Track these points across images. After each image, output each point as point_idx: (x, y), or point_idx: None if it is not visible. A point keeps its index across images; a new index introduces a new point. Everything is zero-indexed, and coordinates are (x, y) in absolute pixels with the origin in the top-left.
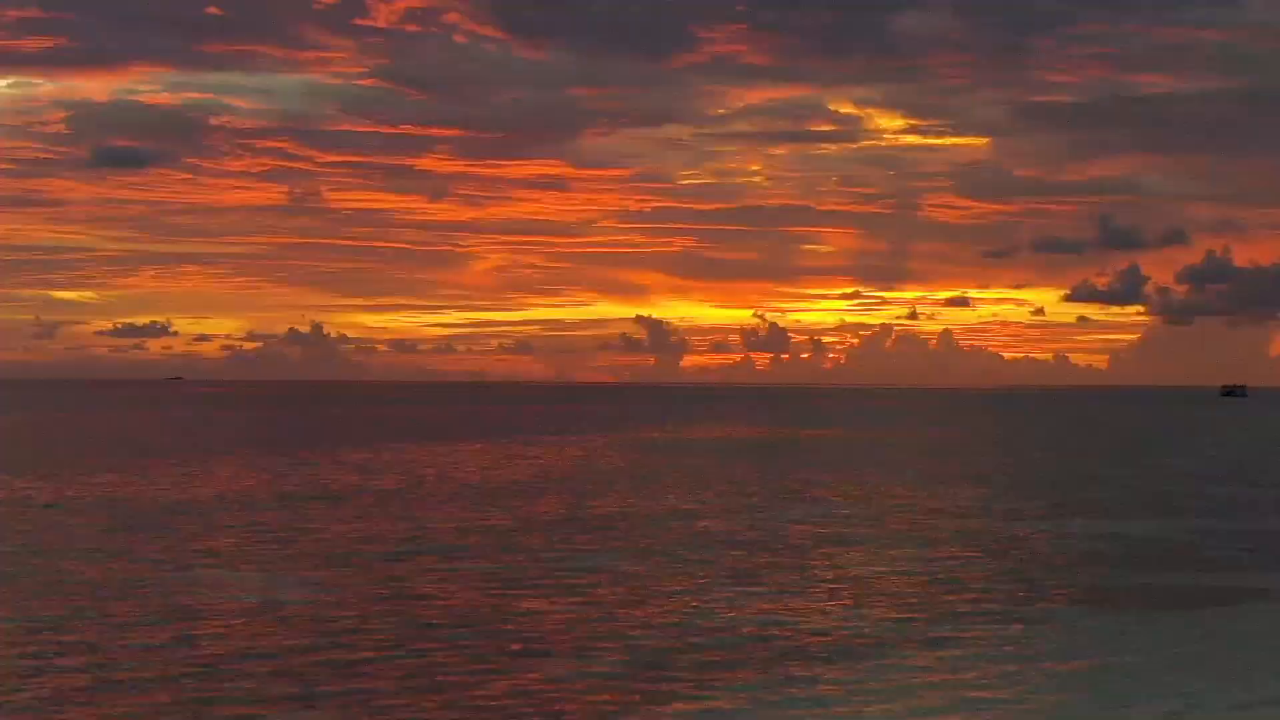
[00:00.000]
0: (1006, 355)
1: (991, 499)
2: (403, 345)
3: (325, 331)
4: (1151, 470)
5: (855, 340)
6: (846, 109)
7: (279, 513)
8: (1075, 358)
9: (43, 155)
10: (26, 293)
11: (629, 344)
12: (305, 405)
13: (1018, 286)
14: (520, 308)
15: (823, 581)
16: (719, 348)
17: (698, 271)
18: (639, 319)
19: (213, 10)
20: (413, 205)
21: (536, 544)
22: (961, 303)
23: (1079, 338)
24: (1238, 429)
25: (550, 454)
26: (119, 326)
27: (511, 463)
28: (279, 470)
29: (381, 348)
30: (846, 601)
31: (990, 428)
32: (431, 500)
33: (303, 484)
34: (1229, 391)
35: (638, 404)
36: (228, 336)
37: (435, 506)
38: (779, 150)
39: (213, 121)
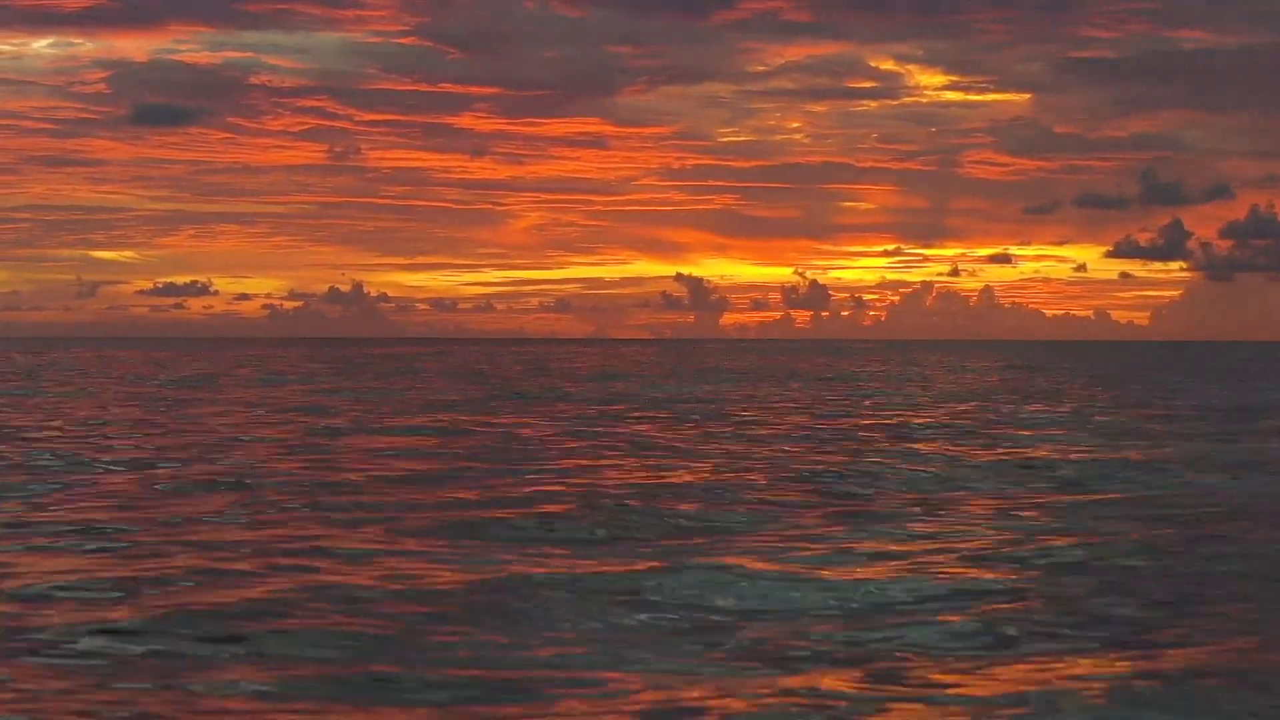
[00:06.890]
0: (1048, 312)
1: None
2: (442, 304)
3: (365, 290)
4: None
5: (896, 298)
6: (887, 65)
7: None
8: (1116, 314)
9: (82, 115)
10: (66, 253)
11: (669, 302)
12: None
13: (1059, 243)
14: (560, 266)
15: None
16: (759, 305)
17: (737, 229)
18: (679, 277)
19: None
20: (452, 164)
21: None
22: (1003, 260)
23: (1121, 294)
24: None
25: None
26: (159, 286)
27: None
28: None
29: (421, 306)
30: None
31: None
32: None
33: None
34: None
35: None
36: (268, 295)
37: None
38: (819, 107)
39: (252, 80)
